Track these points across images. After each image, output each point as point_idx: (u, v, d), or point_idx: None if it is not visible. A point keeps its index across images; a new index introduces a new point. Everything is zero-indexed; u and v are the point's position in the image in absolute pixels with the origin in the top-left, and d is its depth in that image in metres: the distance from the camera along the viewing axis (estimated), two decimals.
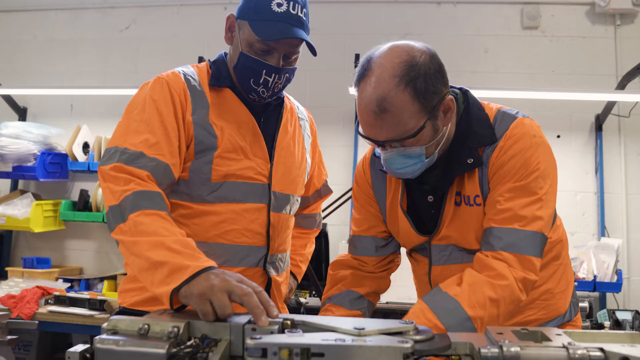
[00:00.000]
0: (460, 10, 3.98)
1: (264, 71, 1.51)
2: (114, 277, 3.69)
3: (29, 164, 3.67)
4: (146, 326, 0.97)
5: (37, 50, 4.38)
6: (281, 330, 0.99)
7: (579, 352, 0.91)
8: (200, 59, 3.62)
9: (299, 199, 1.76)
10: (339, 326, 0.98)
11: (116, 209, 1.30)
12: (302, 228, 1.94)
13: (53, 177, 3.78)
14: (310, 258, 2.01)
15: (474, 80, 3.75)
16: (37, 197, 3.90)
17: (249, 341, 0.91)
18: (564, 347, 0.93)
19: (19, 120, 4.18)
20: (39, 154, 3.67)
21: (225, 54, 1.64)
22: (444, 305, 1.23)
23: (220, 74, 1.59)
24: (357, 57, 3.29)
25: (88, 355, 0.97)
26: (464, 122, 1.40)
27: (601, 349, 0.91)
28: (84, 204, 3.81)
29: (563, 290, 1.50)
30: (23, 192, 3.97)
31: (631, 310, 3.06)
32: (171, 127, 1.46)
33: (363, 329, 0.96)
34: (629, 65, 3.45)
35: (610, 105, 3.56)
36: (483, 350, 0.93)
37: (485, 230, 1.34)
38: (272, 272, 1.62)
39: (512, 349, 0.92)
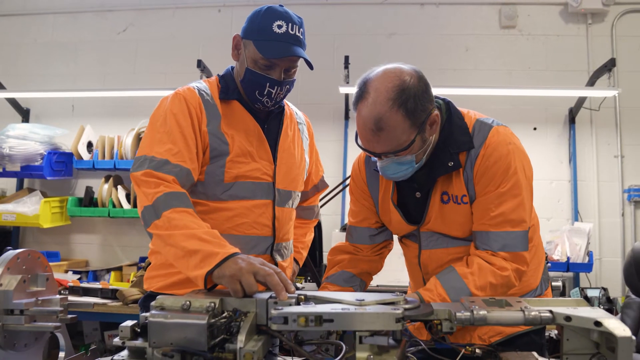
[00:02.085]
0: (442, 11, 4.13)
1: (268, 84, 1.71)
2: (119, 268, 3.87)
3: (36, 164, 3.80)
4: (188, 302, 1.16)
5: (38, 53, 4.45)
6: (297, 303, 1.20)
7: (533, 313, 1.16)
8: (199, 62, 3.77)
9: (300, 194, 1.95)
10: (344, 298, 1.21)
11: (150, 208, 1.51)
12: (302, 219, 2.13)
13: (59, 175, 3.92)
14: (310, 245, 2.19)
15: (455, 78, 3.92)
16: (43, 194, 4.03)
17: (272, 312, 1.13)
18: (521, 310, 1.17)
19: (23, 121, 4.29)
20: (45, 153, 3.80)
21: (232, 68, 1.83)
22: (453, 284, 1.48)
23: (228, 87, 1.78)
24: (346, 58, 3.41)
25: (137, 329, 1.17)
26: (446, 130, 1.57)
27: (550, 311, 1.16)
28: (89, 199, 3.96)
29: (534, 269, 1.71)
30: (31, 190, 4.10)
31: (599, 288, 3.32)
32: (190, 136, 1.65)
33: (363, 300, 1.19)
34: (599, 61, 3.67)
35: (582, 100, 3.77)
36: (458, 314, 1.17)
37: (482, 234, 1.56)
38: (278, 258, 1.82)
39: (481, 312, 1.17)
